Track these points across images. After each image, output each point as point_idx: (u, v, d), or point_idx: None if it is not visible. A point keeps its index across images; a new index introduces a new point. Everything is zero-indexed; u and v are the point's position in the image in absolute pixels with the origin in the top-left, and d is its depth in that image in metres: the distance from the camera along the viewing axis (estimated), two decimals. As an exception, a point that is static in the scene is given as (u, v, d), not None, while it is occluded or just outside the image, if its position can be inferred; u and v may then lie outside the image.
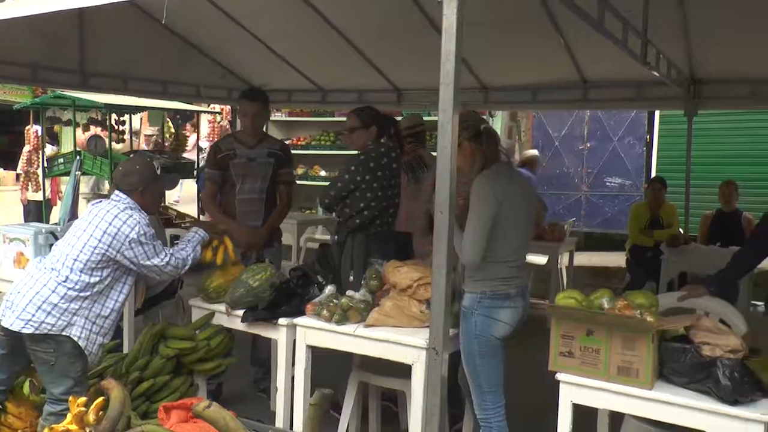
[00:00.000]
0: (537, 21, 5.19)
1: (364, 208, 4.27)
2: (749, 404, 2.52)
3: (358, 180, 4.24)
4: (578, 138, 10.11)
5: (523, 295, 3.23)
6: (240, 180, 4.54)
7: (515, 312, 3.18)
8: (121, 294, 3.43)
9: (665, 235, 6.64)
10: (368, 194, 4.25)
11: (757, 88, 5.85)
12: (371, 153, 4.30)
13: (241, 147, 4.56)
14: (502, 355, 3.21)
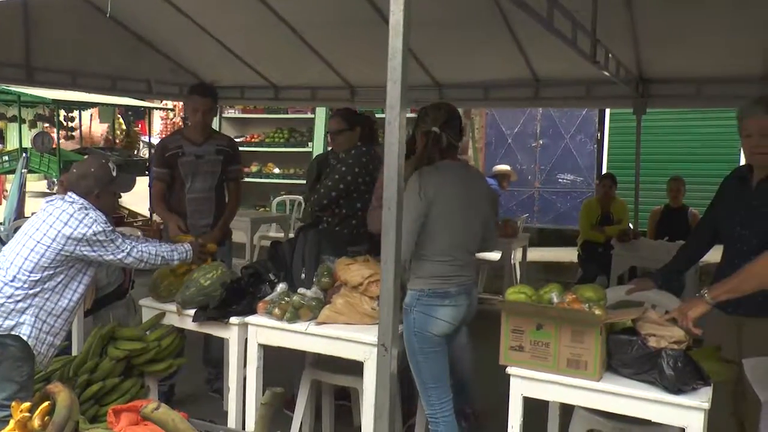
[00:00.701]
0: (490, 19, 5.23)
1: (360, 209, 4.26)
2: (691, 393, 2.60)
3: (359, 181, 4.26)
4: (531, 135, 10.23)
5: (467, 293, 3.25)
6: (189, 179, 4.48)
7: (456, 310, 3.20)
8: (76, 293, 3.36)
9: (615, 231, 6.79)
10: (366, 195, 4.25)
11: (703, 87, 6.00)
12: (362, 156, 4.32)
13: (189, 145, 4.49)
14: (445, 351, 3.22)
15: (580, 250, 7.30)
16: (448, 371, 3.26)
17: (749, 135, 3.18)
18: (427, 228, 3.13)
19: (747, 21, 4.85)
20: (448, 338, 3.24)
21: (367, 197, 4.21)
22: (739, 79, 5.69)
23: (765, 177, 3.22)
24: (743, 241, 3.25)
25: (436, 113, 3.29)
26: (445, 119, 3.25)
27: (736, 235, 3.29)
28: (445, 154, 3.25)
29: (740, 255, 3.22)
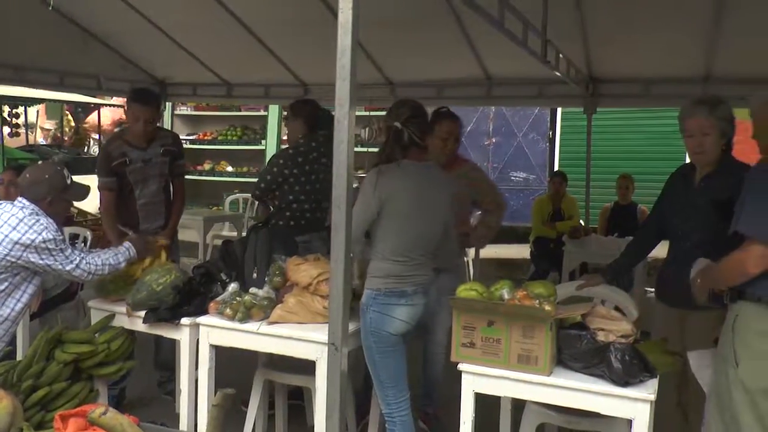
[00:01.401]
0: (442, 18, 5.26)
1: (293, 201, 4.27)
2: (638, 385, 2.65)
3: (285, 173, 4.25)
4: (484, 134, 10.33)
5: (424, 292, 3.25)
6: (139, 186, 4.36)
7: (413, 309, 3.20)
8: (19, 303, 3.28)
9: (567, 227, 6.89)
10: (296, 188, 4.25)
11: (651, 87, 6.12)
12: (300, 147, 4.31)
13: (133, 151, 4.33)
14: (403, 350, 3.23)
15: (532, 247, 7.41)
16: (405, 370, 3.26)
17: (691, 135, 3.27)
18: (382, 227, 3.13)
19: (690, 24, 4.98)
20: (405, 337, 3.25)
21: (297, 189, 4.22)
22: (684, 80, 5.83)
23: (707, 175, 3.32)
24: (686, 237, 3.35)
25: (399, 109, 3.27)
26: (408, 115, 3.22)
27: (679, 232, 3.39)
28: (407, 152, 3.20)
29: (683, 251, 3.32)
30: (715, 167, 3.29)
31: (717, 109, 3.20)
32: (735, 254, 2.63)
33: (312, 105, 4.49)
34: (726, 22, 4.82)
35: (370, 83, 6.81)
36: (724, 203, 3.16)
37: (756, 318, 2.67)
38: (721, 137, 3.22)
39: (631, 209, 7.15)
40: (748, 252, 2.56)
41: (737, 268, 2.62)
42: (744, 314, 2.70)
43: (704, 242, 3.23)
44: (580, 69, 5.93)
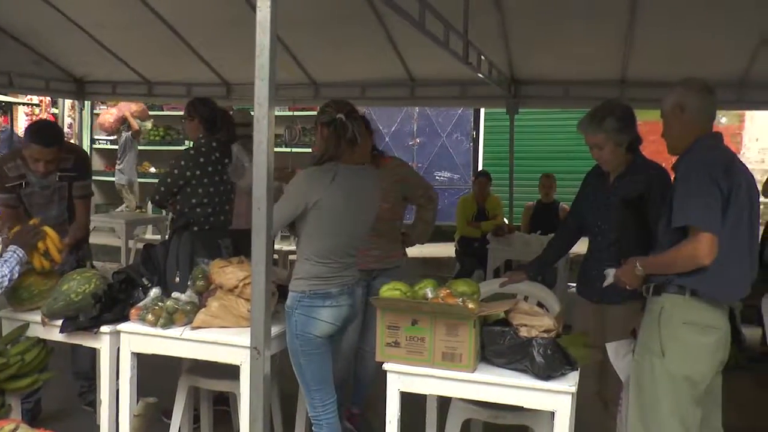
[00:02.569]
0: (365, 18, 5.27)
1: (196, 204, 4.11)
2: (560, 378, 2.71)
3: (188, 175, 4.07)
4: (408, 134, 10.41)
5: (349, 293, 3.22)
6: (36, 209, 4.10)
7: (339, 310, 3.17)
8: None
9: (491, 226, 7.00)
10: (200, 190, 4.10)
11: (570, 89, 6.32)
12: (201, 147, 4.16)
13: (31, 174, 4.06)
14: (329, 353, 3.20)
15: (457, 246, 7.50)
16: (331, 373, 3.24)
17: (588, 145, 3.45)
18: (310, 229, 3.09)
19: (606, 30, 5.15)
20: (331, 340, 3.23)
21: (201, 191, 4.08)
22: (602, 83, 6.04)
23: (619, 175, 3.47)
24: (603, 234, 3.47)
25: (338, 104, 3.18)
26: (350, 109, 3.15)
27: (596, 229, 3.51)
28: (347, 149, 3.10)
29: (601, 247, 3.45)
30: (626, 168, 3.45)
31: (604, 123, 3.35)
32: (685, 245, 2.73)
33: (210, 105, 4.31)
34: (639, 29, 5.01)
35: (293, 83, 6.78)
36: (635, 201, 3.33)
37: (682, 309, 2.79)
38: (616, 146, 3.37)
39: (553, 207, 7.32)
40: (699, 243, 2.67)
41: (690, 258, 2.71)
42: (670, 306, 2.82)
43: (619, 239, 3.37)
44: (502, 71, 6.05)
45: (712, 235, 2.66)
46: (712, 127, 2.95)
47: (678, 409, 2.79)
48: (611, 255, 3.29)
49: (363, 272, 3.62)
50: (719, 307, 2.82)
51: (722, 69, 5.40)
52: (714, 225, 2.67)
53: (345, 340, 3.59)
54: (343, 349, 3.60)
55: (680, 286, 2.79)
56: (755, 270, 2.90)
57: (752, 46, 5.14)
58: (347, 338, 3.64)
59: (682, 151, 2.92)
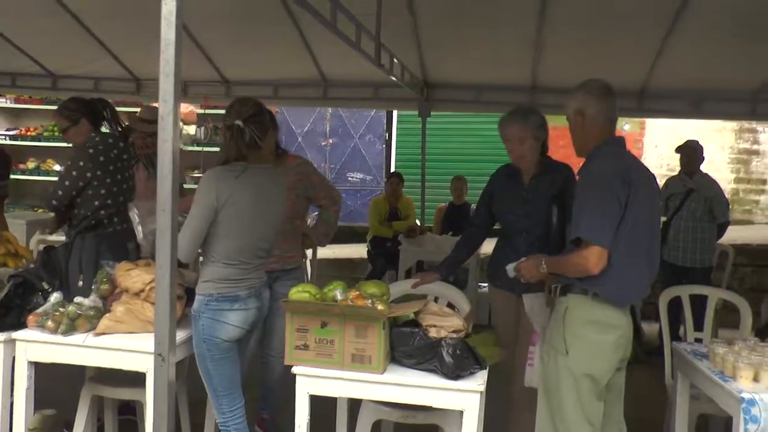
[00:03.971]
0: (278, 17, 5.20)
1: (100, 207, 3.93)
2: (469, 377, 2.75)
3: (88, 176, 3.87)
4: (321, 134, 10.37)
5: (257, 296, 3.17)
6: None
7: (246, 314, 3.12)
8: None
9: (403, 227, 7.07)
10: (102, 190, 3.92)
11: (481, 93, 6.43)
12: (98, 145, 3.94)
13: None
14: (236, 357, 3.15)
15: (369, 246, 7.53)
16: (239, 377, 3.18)
17: (508, 140, 3.59)
18: (216, 231, 3.01)
19: (517, 36, 5.28)
20: (239, 343, 3.17)
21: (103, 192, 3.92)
22: (512, 88, 6.18)
23: (533, 175, 3.59)
24: (529, 230, 3.60)
25: (242, 107, 3.13)
26: (251, 113, 3.09)
27: (520, 226, 3.62)
28: (249, 152, 3.08)
29: (528, 243, 3.56)
30: (540, 167, 3.63)
31: (529, 119, 3.57)
32: (578, 254, 2.84)
33: (81, 100, 4.11)
34: (548, 37, 5.16)
35: (205, 80, 6.64)
36: (555, 197, 3.52)
37: (584, 309, 2.89)
38: (536, 141, 3.58)
39: (465, 209, 7.44)
40: (590, 254, 2.78)
41: (581, 267, 2.82)
42: (573, 306, 2.91)
43: (544, 235, 3.54)
44: (414, 73, 6.10)
45: (601, 248, 2.77)
46: (614, 130, 3.06)
47: (581, 404, 2.89)
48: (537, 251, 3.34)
49: None
50: (621, 307, 2.93)
51: (624, 78, 5.63)
52: (604, 239, 2.78)
53: (249, 344, 3.53)
54: (248, 352, 3.53)
55: (584, 288, 2.89)
56: (656, 270, 3.03)
57: (651, 57, 5.39)
58: (252, 342, 3.58)
59: (586, 154, 3.03)
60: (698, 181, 6.00)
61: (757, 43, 4.92)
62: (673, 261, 5.90)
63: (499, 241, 3.79)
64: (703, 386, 3.19)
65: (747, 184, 9.95)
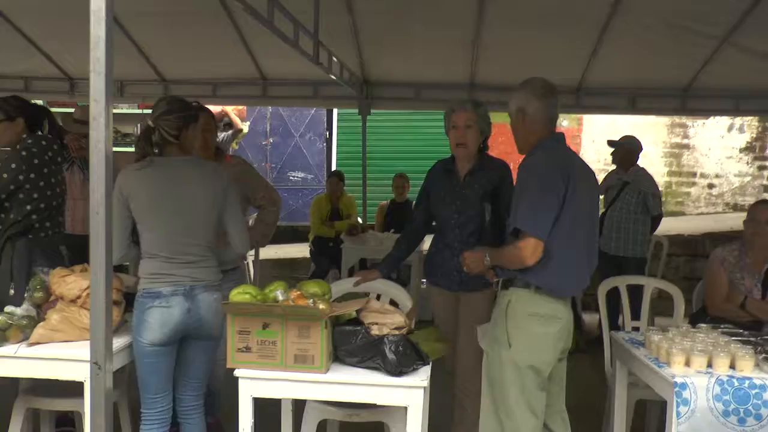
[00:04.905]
0: (215, 14, 5.14)
1: (32, 211, 3.78)
2: (412, 373, 2.76)
3: (21, 179, 3.72)
4: (261, 133, 10.27)
5: (186, 295, 3.00)
6: None
7: (168, 313, 2.96)
8: None
9: (345, 225, 7.06)
10: (35, 194, 3.77)
11: (420, 91, 6.48)
12: (32, 147, 3.79)
13: None
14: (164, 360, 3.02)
15: (311, 246, 7.50)
16: (167, 382, 3.07)
17: (455, 126, 3.60)
18: (138, 225, 3.00)
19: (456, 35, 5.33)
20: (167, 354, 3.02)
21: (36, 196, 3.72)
22: (451, 85, 6.23)
23: (470, 170, 3.62)
24: (462, 226, 3.61)
25: (155, 107, 3.09)
26: (161, 112, 3.04)
27: (453, 222, 3.64)
28: (162, 149, 3.04)
29: (460, 239, 3.58)
30: (476, 163, 3.64)
31: (479, 108, 3.63)
32: (514, 245, 2.88)
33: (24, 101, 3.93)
34: (486, 35, 5.23)
35: (142, 79, 6.51)
36: (490, 194, 3.55)
37: (527, 302, 2.94)
38: (480, 134, 3.62)
39: (406, 206, 7.47)
40: (526, 245, 2.83)
41: (517, 258, 2.87)
42: (516, 299, 2.96)
43: (477, 231, 3.55)
44: (353, 71, 6.10)
45: (537, 239, 2.82)
46: (554, 128, 3.11)
47: (524, 395, 2.94)
48: (471, 246, 3.38)
49: None
50: (562, 299, 2.99)
51: (562, 76, 5.74)
52: (540, 230, 2.83)
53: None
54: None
55: (526, 281, 2.93)
56: (595, 262, 3.10)
57: (587, 56, 5.53)
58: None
59: (528, 151, 3.08)
60: (633, 174, 6.16)
61: (685, 43, 5.11)
62: (608, 251, 6.05)
63: (435, 238, 3.82)
64: (639, 373, 3.28)
65: (679, 177, 10.28)
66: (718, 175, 10.17)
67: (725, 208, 10.08)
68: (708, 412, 2.79)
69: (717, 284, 3.90)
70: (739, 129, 10.02)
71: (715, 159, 10.15)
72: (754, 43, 5.03)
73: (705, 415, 2.79)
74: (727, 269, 3.88)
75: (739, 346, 3.02)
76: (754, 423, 2.79)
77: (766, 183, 10.12)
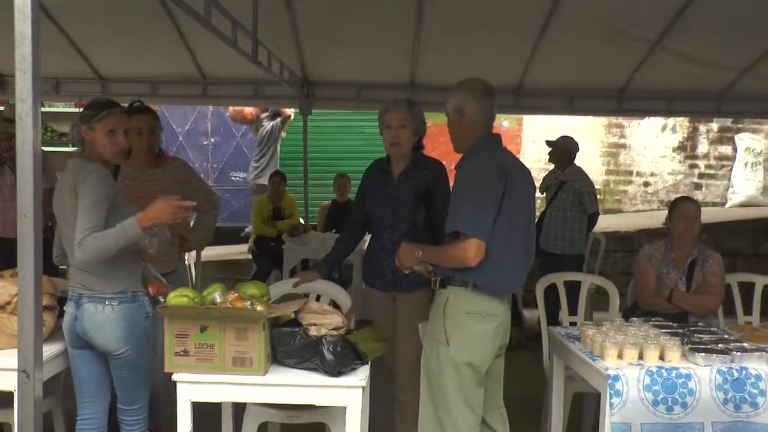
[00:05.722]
0: (154, 11, 5.03)
1: None
2: (350, 373, 2.77)
3: None
4: (202, 133, 10.10)
5: (75, 302, 2.95)
6: None
7: (66, 319, 2.97)
8: None
9: (286, 226, 7.03)
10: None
11: (361, 91, 6.47)
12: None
13: None
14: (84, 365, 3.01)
15: (253, 246, 7.44)
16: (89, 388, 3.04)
17: (389, 126, 3.61)
18: None
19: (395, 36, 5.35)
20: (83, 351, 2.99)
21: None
22: (392, 86, 6.25)
23: (404, 170, 3.64)
24: (395, 226, 3.62)
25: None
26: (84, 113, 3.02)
27: (387, 222, 3.65)
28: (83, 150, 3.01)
29: (393, 239, 3.60)
30: (410, 162, 3.67)
31: (413, 108, 3.65)
32: (457, 246, 2.91)
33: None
34: (426, 36, 5.27)
35: (78, 77, 6.34)
36: (423, 194, 3.57)
37: (464, 300, 2.97)
38: (414, 134, 3.63)
39: (348, 206, 7.44)
40: (468, 246, 2.86)
41: (460, 259, 2.90)
42: (453, 298, 2.99)
43: (412, 230, 3.56)
44: (294, 71, 6.06)
45: (479, 240, 2.86)
46: (491, 129, 3.16)
47: (462, 392, 2.98)
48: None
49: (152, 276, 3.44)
50: (499, 297, 3.04)
51: (501, 77, 5.82)
52: (482, 231, 2.87)
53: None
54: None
55: (463, 280, 2.97)
56: (532, 260, 3.16)
57: (526, 57, 5.62)
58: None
59: (464, 150, 3.11)
60: (570, 174, 6.30)
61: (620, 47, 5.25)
62: (547, 249, 6.17)
63: (370, 240, 3.83)
64: (575, 366, 3.36)
65: (616, 175, 10.53)
66: (653, 174, 10.46)
67: (660, 205, 10.37)
68: (639, 402, 2.88)
69: (646, 280, 4.04)
70: (672, 129, 10.33)
71: (650, 158, 10.43)
72: (683, 47, 5.20)
73: (636, 405, 2.88)
74: (654, 265, 4.03)
75: (668, 338, 3.14)
76: (681, 411, 2.90)
77: (696, 181, 10.47)
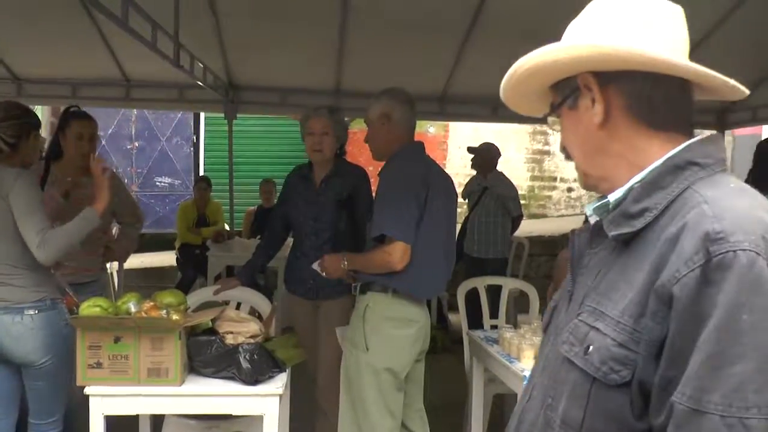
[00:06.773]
0: (73, 10, 4.89)
1: None
2: (268, 381, 2.75)
3: None
4: (126, 137, 9.89)
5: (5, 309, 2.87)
6: None
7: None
8: None
9: (211, 232, 6.94)
10: None
11: (287, 96, 6.45)
12: None
13: None
14: None
15: (178, 254, 7.32)
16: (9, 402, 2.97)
17: (311, 133, 3.61)
18: None
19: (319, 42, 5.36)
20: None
21: None
22: (317, 91, 6.25)
23: (325, 177, 3.65)
24: (317, 233, 3.62)
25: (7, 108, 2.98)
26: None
27: (309, 228, 3.65)
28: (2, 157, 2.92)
29: (315, 246, 3.60)
30: (332, 169, 3.67)
31: (335, 114, 3.66)
32: (382, 250, 2.93)
33: None
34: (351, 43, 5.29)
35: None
36: (346, 200, 3.58)
37: (384, 306, 3.00)
38: (335, 139, 3.62)
39: (274, 212, 7.44)
40: (394, 250, 2.89)
41: (385, 263, 2.92)
42: (373, 304, 3.01)
43: (334, 237, 3.57)
44: (218, 75, 5.99)
45: (405, 244, 2.90)
46: (413, 136, 3.22)
47: (382, 397, 3.01)
48: (326, 253, 3.41)
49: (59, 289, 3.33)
50: (418, 303, 3.08)
51: (426, 84, 5.90)
52: (407, 235, 2.91)
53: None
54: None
55: (384, 285, 3.00)
56: (452, 266, 3.21)
57: (450, 65, 5.70)
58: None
59: (386, 157, 3.15)
60: (492, 179, 6.43)
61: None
62: (471, 253, 6.28)
63: (292, 246, 3.83)
64: (494, 369, 3.43)
65: (541, 181, 10.80)
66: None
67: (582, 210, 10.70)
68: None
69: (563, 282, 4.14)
70: (592, 136, 10.67)
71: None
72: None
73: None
74: None
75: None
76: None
77: (616, 187, 10.83)
